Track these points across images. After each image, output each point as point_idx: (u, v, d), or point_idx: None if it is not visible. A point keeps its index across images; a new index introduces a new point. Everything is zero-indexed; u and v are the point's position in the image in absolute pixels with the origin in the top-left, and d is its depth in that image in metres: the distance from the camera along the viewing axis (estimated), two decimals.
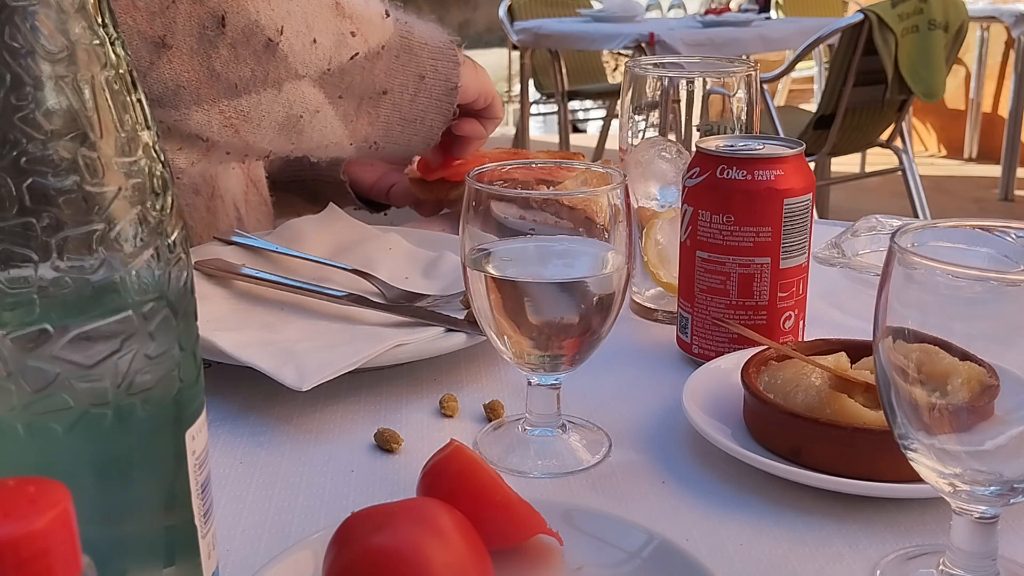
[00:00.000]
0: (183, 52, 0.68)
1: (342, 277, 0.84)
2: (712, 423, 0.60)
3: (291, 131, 0.78)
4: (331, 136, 0.81)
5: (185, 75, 0.69)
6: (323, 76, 0.77)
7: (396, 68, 0.83)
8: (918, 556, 0.50)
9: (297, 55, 0.74)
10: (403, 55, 0.83)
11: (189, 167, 0.77)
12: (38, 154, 0.31)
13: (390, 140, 0.87)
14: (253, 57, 0.71)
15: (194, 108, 0.71)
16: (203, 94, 0.71)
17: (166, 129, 0.72)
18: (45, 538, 0.24)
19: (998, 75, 5.19)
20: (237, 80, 0.71)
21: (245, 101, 0.73)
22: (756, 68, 0.82)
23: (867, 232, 0.96)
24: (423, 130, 0.88)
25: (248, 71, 0.72)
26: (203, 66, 0.70)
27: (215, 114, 0.72)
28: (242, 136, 0.75)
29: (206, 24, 0.69)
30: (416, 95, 0.85)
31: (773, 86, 4.77)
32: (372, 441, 0.63)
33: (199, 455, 0.38)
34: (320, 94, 0.77)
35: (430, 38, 0.86)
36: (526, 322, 0.58)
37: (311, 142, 0.81)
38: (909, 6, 3.07)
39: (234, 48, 0.70)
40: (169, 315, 0.35)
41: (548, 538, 0.48)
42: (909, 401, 0.43)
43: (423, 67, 0.85)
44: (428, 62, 0.85)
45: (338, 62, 0.77)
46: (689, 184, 0.71)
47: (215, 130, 0.73)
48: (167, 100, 0.70)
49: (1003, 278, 0.40)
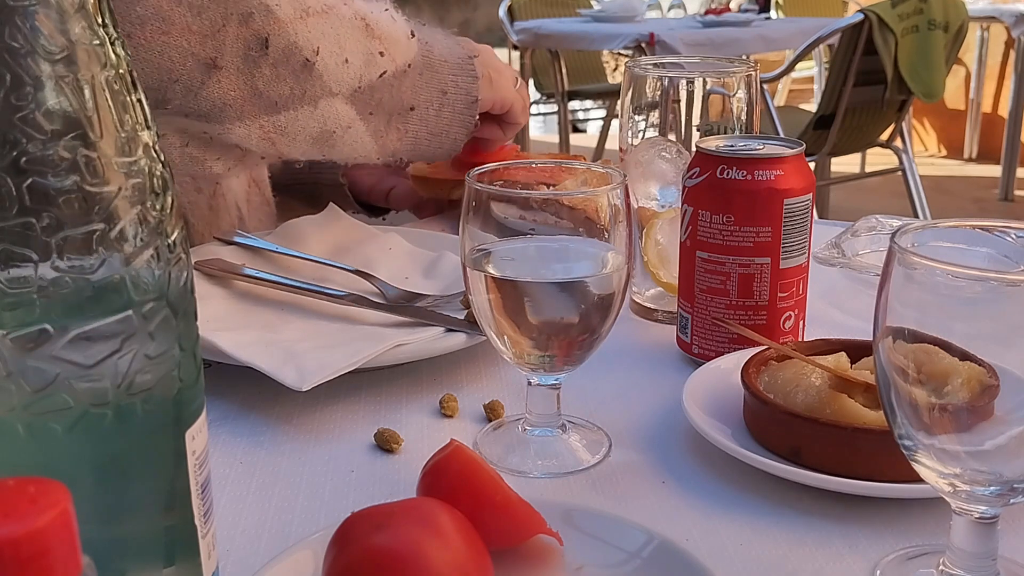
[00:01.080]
0: (231, 72, 0.72)
1: (342, 277, 0.84)
2: (712, 423, 0.60)
3: (324, 144, 0.81)
4: (361, 150, 0.85)
5: (232, 93, 0.73)
6: (355, 94, 0.80)
7: (421, 85, 0.86)
8: (918, 556, 0.50)
9: (331, 74, 0.77)
10: (426, 72, 0.87)
11: (226, 172, 0.81)
12: (38, 154, 0.31)
13: (417, 153, 0.91)
14: (292, 76, 0.75)
15: (237, 123, 0.74)
16: (246, 111, 0.74)
17: (208, 139, 0.76)
18: (45, 538, 0.24)
19: (998, 75, 5.19)
20: (277, 98, 0.75)
21: (283, 117, 0.76)
22: (756, 68, 0.82)
23: (867, 232, 0.96)
24: (447, 142, 0.92)
25: (287, 89, 0.75)
26: (248, 85, 0.73)
27: (255, 129, 0.76)
28: (278, 148, 0.79)
29: (251, 45, 0.72)
30: (441, 110, 0.89)
31: (773, 86, 4.77)
32: (372, 441, 0.63)
33: (199, 455, 0.38)
34: (352, 111, 0.81)
35: (449, 55, 0.90)
36: (526, 322, 0.58)
37: (341, 155, 0.84)
38: (909, 6, 3.07)
39: (275, 68, 0.74)
40: (169, 315, 0.35)
41: (548, 538, 0.48)
42: (909, 401, 0.43)
43: (445, 83, 0.88)
44: (449, 78, 0.89)
45: (368, 80, 0.81)
46: (689, 184, 0.71)
47: (254, 143, 0.77)
48: (213, 116, 0.73)
49: (1003, 278, 0.40)
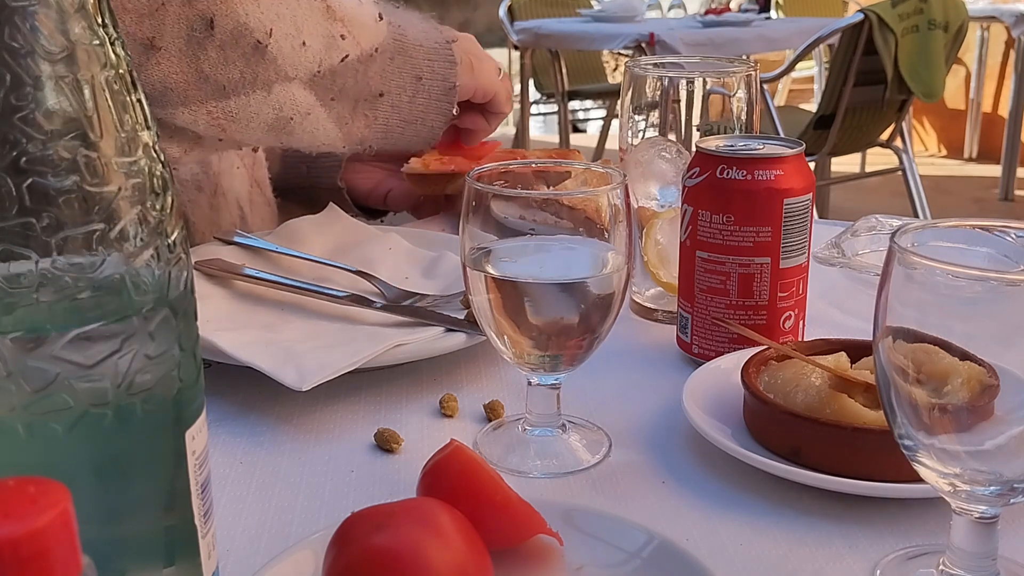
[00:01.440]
0: (172, 54, 0.68)
1: (342, 277, 0.84)
2: (712, 423, 0.60)
3: (280, 131, 0.78)
4: (323, 138, 0.82)
5: (173, 76, 0.69)
6: (314, 78, 0.77)
7: (392, 70, 0.83)
8: (918, 556, 0.50)
9: (286, 57, 0.74)
10: (398, 57, 0.83)
11: (183, 155, 0.77)
12: (38, 154, 0.31)
13: (389, 142, 0.87)
14: (242, 59, 0.71)
15: (181, 108, 0.71)
16: (191, 95, 0.71)
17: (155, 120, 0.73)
18: (45, 538, 0.24)
19: (998, 75, 5.19)
20: (226, 82, 0.72)
21: (233, 103, 0.73)
22: (756, 68, 0.82)
23: (867, 232, 0.96)
24: (423, 131, 0.89)
25: (237, 73, 0.72)
26: (192, 68, 0.70)
27: (202, 114, 0.72)
28: (229, 135, 0.75)
29: (195, 26, 0.69)
30: (414, 96, 0.85)
31: (773, 86, 4.77)
32: (372, 441, 0.63)
33: (199, 455, 0.38)
34: (311, 96, 0.77)
35: (424, 39, 0.86)
36: (526, 322, 0.58)
37: (301, 142, 0.81)
38: (909, 6, 3.07)
39: (223, 50, 0.70)
40: (169, 315, 0.35)
41: (548, 538, 0.48)
42: (909, 401, 0.43)
43: (419, 68, 0.85)
44: (424, 63, 0.85)
45: (328, 64, 0.77)
46: (689, 184, 0.71)
47: (201, 128, 0.73)
48: (155, 99, 0.70)
49: (1003, 278, 0.40)
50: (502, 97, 0.95)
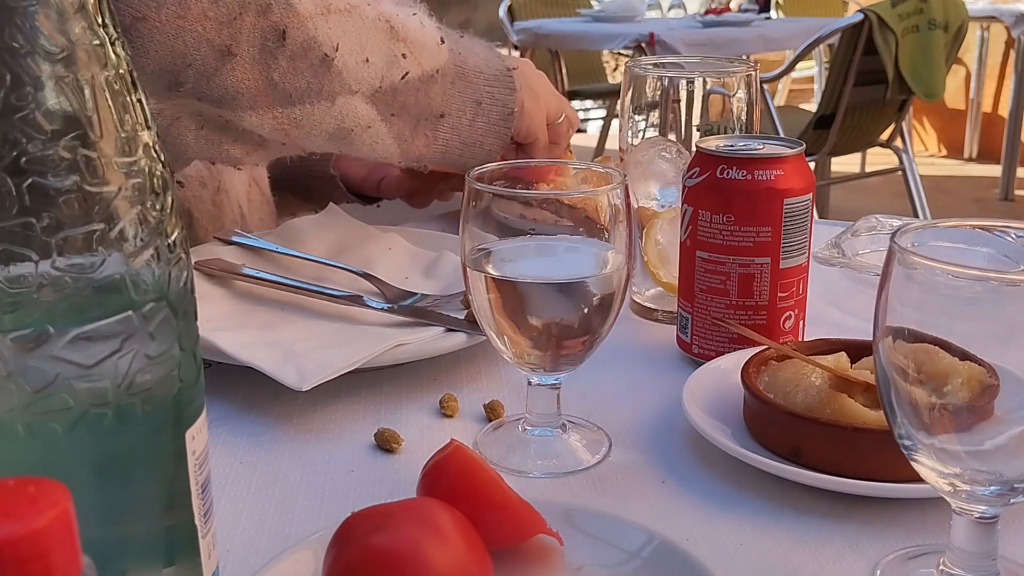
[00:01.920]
0: (245, 61, 0.72)
1: (342, 277, 0.84)
2: (712, 423, 0.60)
3: (340, 141, 0.81)
4: (381, 151, 0.84)
5: (245, 82, 0.73)
6: (375, 94, 0.80)
7: (452, 94, 0.86)
8: (918, 556, 0.50)
9: (351, 71, 0.77)
10: (458, 82, 0.86)
11: (244, 156, 0.80)
12: (38, 154, 0.31)
13: (447, 161, 0.90)
14: (309, 70, 0.75)
15: (250, 112, 0.74)
16: (259, 101, 0.74)
17: (224, 123, 0.76)
18: (45, 538, 0.24)
19: (998, 75, 5.19)
20: (292, 90, 0.75)
21: (298, 110, 0.76)
22: (756, 68, 0.82)
23: (867, 232, 0.96)
24: (481, 153, 0.91)
25: (304, 83, 0.75)
26: (262, 75, 0.73)
27: (268, 119, 0.76)
28: (292, 140, 0.79)
29: (268, 36, 0.72)
30: (474, 120, 0.88)
31: (773, 86, 4.77)
32: (372, 441, 0.63)
33: (199, 455, 0.38)
34: (372, 110, 0.80)
35: (485, 67, 0.89)
36: (526, 322, 0.58)
37: (361, 153, 0.84)
38: (909, 6, 3.07)
39: (292, 60, 0.74)
40: (169, 315, 0.35)
41: (548, 538, 0.48)
42: (909, 401, 0.43)
43: (479, 93, 0.88)
44: (484, 89, 0.88)
45: (390, 81, 0.80)
46: (689, 184, 0.71)
47: (267, 132, 0.77)
48: (226, 103, 0.73)
49: (1003, 278, 0.40)
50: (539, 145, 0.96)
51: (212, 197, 0.98)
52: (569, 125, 1.00)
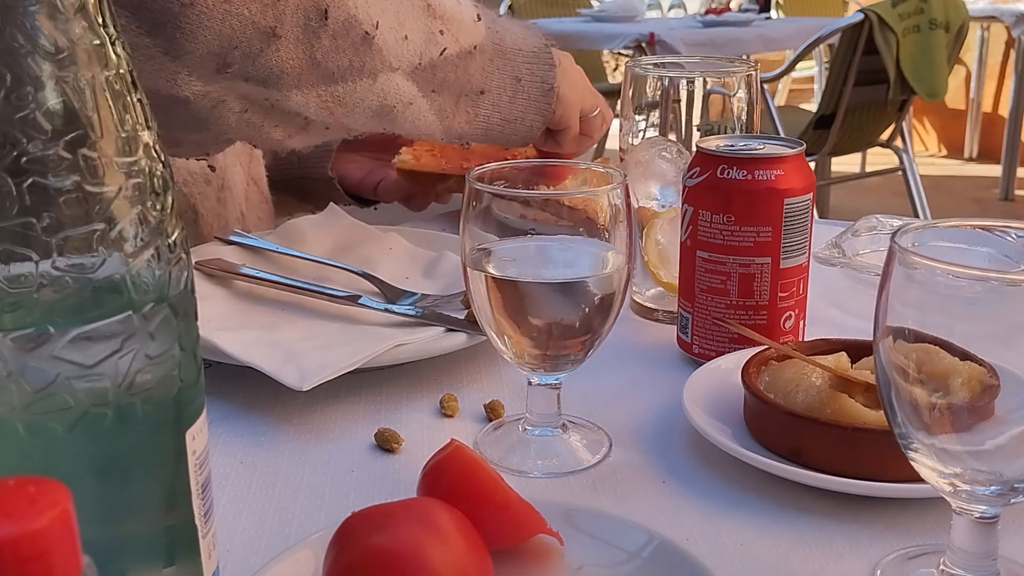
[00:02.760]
0: (290, 41, 0.72)
1: (342, 277, 0.84)
2: (712, 423, 0.60)
3: (384, 119, 0.82)
4: (424, 128, 0.85)
5: (290, 62, 0.73)
6: (415, 70, 0.80)
7: (492, 70, 0.86)
8: (918, 556, 0.50)
9: (391, 49, 0.78)
10: (497, 59, 0.86)
11: (286, 139, 0.81)
12: (38, 154, 0.31)
13: (489, 138, 0.90)
14: (351, 48, 0.75)
15: (295, 91, 0.75)
16: (303, 80, 0.74)
17: (269, 106, 0.76)
18: (45, 538, 0.24)
19: (998, 75, 5.19)
20: (335, 69, 0.75)
21: (341, 88, 0.77)
22: (756, 68, 0.82)
23: (867, 232, 0.96)
24: (522, 129, 0.91)
25: (346, 61, 0.76)
26: (306, 54, 0.73)
27: (313, 97, 0.76)
28: (337, 118, 0.79)
29: (311, 16, 0.73)
30: (514, 96, 0.88)
31: (773, 86, 4.77)
32: (372, 441, 0.63)
33: (199, 455, 0.38)
34: (413, 87, 0.81)
35: (524, 44, 0.89)
36: (526, 322, 0.58)
37: (404, 130, 0.85)
38: (910, 6, 3.07)
39: (335, 39, 0.74)
40: (169, 315, 0.35)
41: (548, 538, 0.48)
42: (909, 401, 0.43)
43: (518, 70, 0.88)
44: (524, 66, 0.88)
45: (429, 58, 0.81)
46: (689, 184, 0.71)
47: (312, 111, 0.77)
48: (271, 83, 0.74)
49: (1003, 278, 0.40)
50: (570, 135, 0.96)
51: (217, 194, 0.98)
52: (603, 120, 1.00)
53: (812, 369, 0.61)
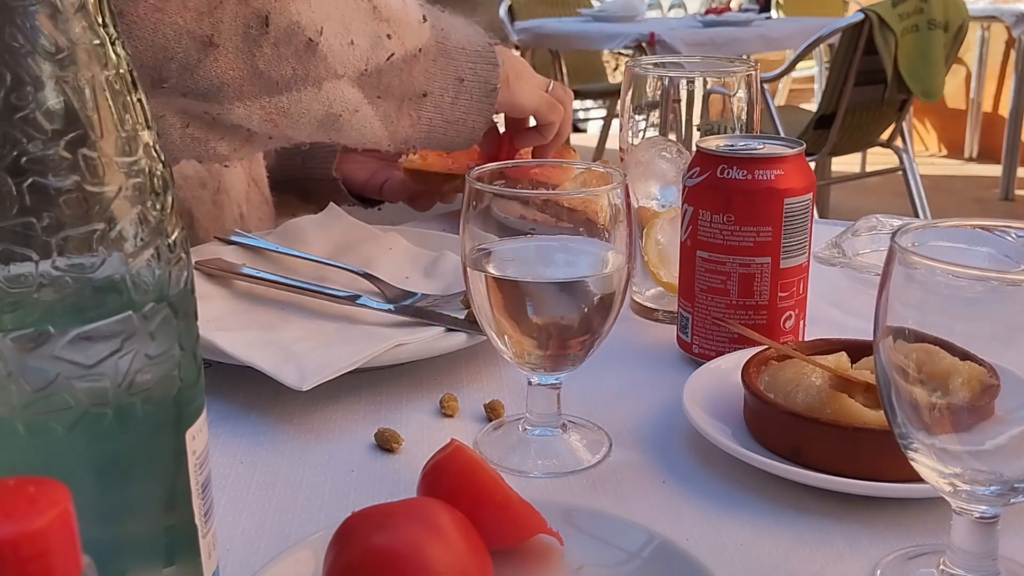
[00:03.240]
0: (229, 51, 0.70)
1: (342, 277, 0.84)
2: (712, 423, 0.60)
3: (330, 128, 0.80)
4: (371, 135, 0.83)
5: (230, 72, 0.71)
6: (361, 76, 0.79)
7: (435, 71, 0.85)
8: (918, 556, 0.50)
9: (336, 55, 0.76)
10: (440, 59, 0.85)
11: (231, 153, 0.79)
12: (38, 154, 0.31)
13: (432, 142, 0.89)
14: (295, 56, 0.73)
15: (237, 103, 0.73)
16: (246, 90, 0.73)
17: (211, 120, 0.74)
18: (45, 538, 0.24)
19: (998, 75, 5.19)
20: (279, 78, 0.74)
21: (286, 98, 0.75)
22: (756, 68, 0.82)
23: (867, 232, 0.96)
24: (465, 131, 0.90)
25: (289, 69, 0.74)
26: (247, 64, 0.71)
27: (256, 109, 0.74)
28: (281, 130, 0.77)
29: (251, 24, 0.71)
30: (456, 97, 0.87)
31: (773, 86, 4.76)
32: (372, 441, 0.63)
33: (199, 455, 0.38)
34: (359, 93, 0.79)
35: (467, 42, 0.87)
36: (526, 322, 0.58)
37: (350, 139, 0.83)
38: (909, 6, 3.07)
39: (277, 47, 0.72)
40: (169, 315, 0.35)
41: (548, 538, 0.48)
42: (909, 401, 0.43)
43: (461, 70, 0.86)
44: (467, 65, 0.87)
45: (375, 63, 0.79)
46: (689, 184, 0.71)
47: (255, 123, 0.75)
48: (212, 95, 0.72)
49: (1003, 278, 0.40)
50: (543, 110, 0.95)
51: (212, 197, 0.98)
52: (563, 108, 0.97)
53: (812, 369, 0.61)
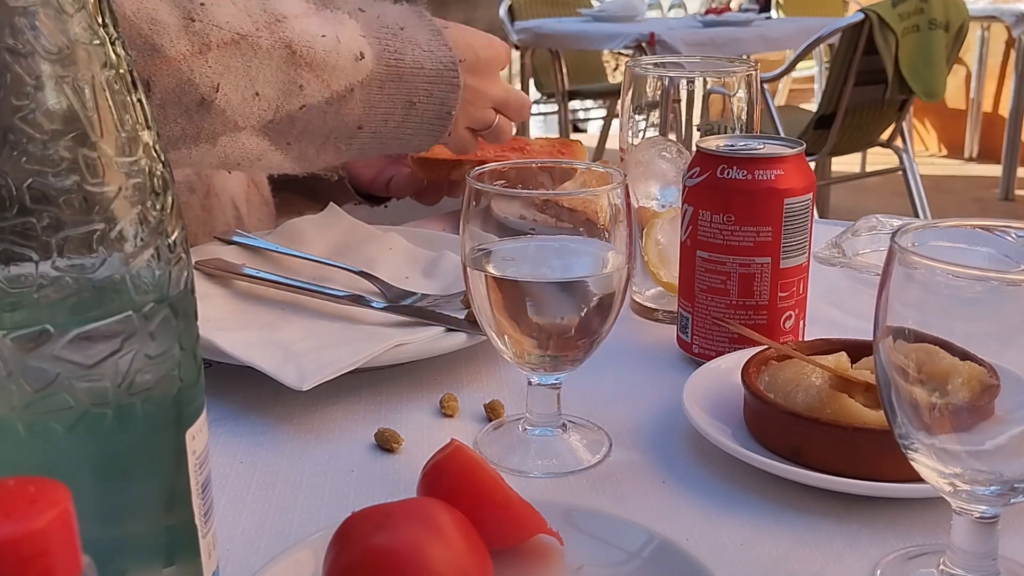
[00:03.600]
0: None
1: (342, 277, 0.84)
2: (712, 423, 0.60)
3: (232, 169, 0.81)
4: (279, 171, 0.84)
5: None
6: (267, 126, 0.78)
7: (379, 99, 0.82)
8: (918, 556, 0.50)
9: (236, 108, 0.75)
10: (388, 84, 0.83)
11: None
12: (38, 154, 0.31)
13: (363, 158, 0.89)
14: (184, 116, 0.73)
15: None
16: None
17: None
18: (45, 538, 0.24)
19: (998, 75, 5.19)
20: (168, 137, 0.74)
21: (174, 154, 0.75)
22: (756, 68, 0.82)
23: (867, 232, 0.96)
24: (408, 147, 0.89)
25: (179, 129, 0.74)
26: None
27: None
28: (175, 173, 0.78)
29: None
30: (403, 122, 0.85)
31: (773, 86, 4.76)
32: (372, 441, 0.63)
33: (199, 455, 0.38)
34: (264, 142, 0.79)
35: (427, 61, 0.84)
36: (526, 322, 0.58)
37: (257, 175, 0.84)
38: (910, 6, 3.07)
39: (163, 108, 0.72)
40: (169, 315, 0.35)
41: (548, 538, 0.48)
42: (909, 401, 0.43)
43: (415, 93, 0.84)
44: (422, 87, 0.84)
45: (286, 111, 0.78)
46: (689, 184, 0.71)
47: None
48: None
49: (1003, 278, 0.40)
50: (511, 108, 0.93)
51: (201, 202, 0.97)
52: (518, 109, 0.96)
53: (812, 369, 0.61)
